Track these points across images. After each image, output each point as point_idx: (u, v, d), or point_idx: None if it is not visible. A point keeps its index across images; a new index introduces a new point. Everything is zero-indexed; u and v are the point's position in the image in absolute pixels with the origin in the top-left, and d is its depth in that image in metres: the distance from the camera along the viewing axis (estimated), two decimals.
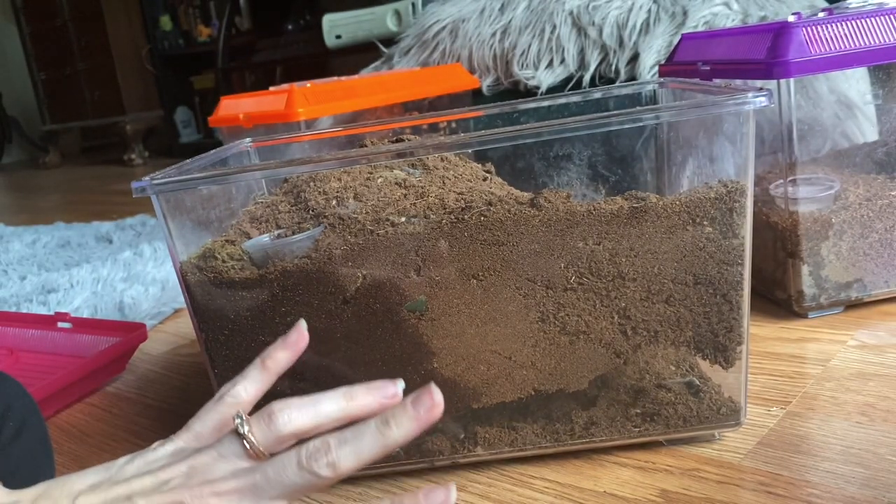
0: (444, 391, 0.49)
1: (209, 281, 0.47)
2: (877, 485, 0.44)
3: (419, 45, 1.26)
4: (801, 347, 0.64)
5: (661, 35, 1.02)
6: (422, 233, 0.46)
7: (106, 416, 0.72)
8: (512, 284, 0.47)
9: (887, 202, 0.67)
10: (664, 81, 0.65)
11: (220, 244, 0.49)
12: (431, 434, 0.51)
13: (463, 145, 0.46)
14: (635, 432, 0.50)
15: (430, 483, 0.52)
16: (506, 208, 0.46)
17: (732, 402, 0.50)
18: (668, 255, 0.47)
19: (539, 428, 0.51)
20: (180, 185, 0.46)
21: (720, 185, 0.47)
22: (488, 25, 1.17)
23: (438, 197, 0.49)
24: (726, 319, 0.48)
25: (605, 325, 0.48)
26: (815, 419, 0.52)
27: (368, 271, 0.47)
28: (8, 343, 0.90)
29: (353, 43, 1.81)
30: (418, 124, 0.74)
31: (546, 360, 0.49)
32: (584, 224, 0.46)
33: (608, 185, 0.78)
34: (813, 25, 0.62)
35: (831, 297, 0.68)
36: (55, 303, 1.06)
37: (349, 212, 0.48)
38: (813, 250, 0.66)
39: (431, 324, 0.48)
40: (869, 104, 0.76)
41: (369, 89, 0.96)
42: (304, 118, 0.86)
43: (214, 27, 2.89)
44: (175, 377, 0.79)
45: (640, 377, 0.50)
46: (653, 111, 0.46)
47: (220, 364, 0.49)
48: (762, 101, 0.44)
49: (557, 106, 0.66)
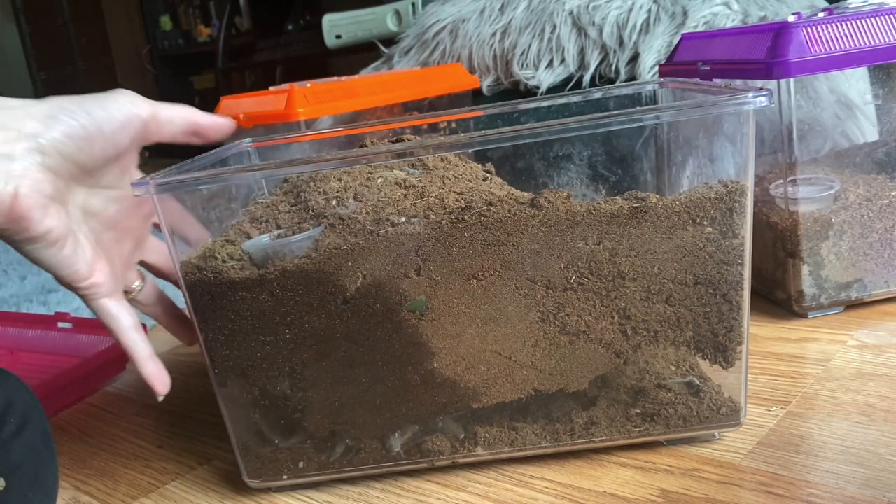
0: (445, 391, 0.49)
1: (209, 281, 0.47)
2: (877, 485, 0.44)
3: (419, 45, 1.26)
4: (801, 347, 0.64)
5: (661, 35, 1.02)
6: (422, 233, 0.46)
7: (106, 416, 0.72)
8: (512, 284, 0.47)
9: (887, 202, 0.67)
10: (664, 81, 0.65)
11: (220, 244, 0.49)
12: (431, 434, 0.51)
13: (463, 145, 0.46)
14: (635, 432, 0.50)
15: (430, 483, 0.52)
16: (506, 208, 0.46)
17: (732, 402, 0.50)
18: (668, 255, 0.47)
19: (539, 428, 0.51)
20: (180, 185, 0.46)
21: (720, 185, 0.47)
22: (488, 25, 1.17)
23: (438, 197, 0.49)
24: (726, 319, 0.48)
25: (605, 325, 0.48)
26: (815, 419, 0.52)
27: (368, 271, 0.47)
28: (8, 343, 0.90)
29: (353, 43, 1.81)
30: (418, 124, 0.74)
31: (546, 360, 0.49)
32: (584, 224, 0.46)
33: (608, 185, 0.78)
34: (813, 25, 0.62)
35: (831, 297, 0.68)
36: (55, 303, 1.06)
37: (349, 212, 0.48)
38: (813, 250, 0.66)
39: (431, 324, 0.48)
40: (869, 104, 0.76)
41: (369, 89, 0.96)
42: (304, 118, 0.86)
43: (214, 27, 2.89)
44: (175, 377, 0.79)
45: (640, 377, 0.50)
46: (653, 111, 0.46)
47: (220, 364, 0.49)
48: (762, 101, 0.44)
49: (557, 106, 0.66)
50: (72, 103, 0.43)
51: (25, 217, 0.40)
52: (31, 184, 0.41)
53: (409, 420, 0.51)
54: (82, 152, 0.43)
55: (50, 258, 0.43)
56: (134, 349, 0.48)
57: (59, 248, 0.43)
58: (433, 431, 0.51)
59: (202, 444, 0.63)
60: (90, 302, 0.47)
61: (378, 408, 0.50)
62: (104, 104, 0.45)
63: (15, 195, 0.40)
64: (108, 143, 0.44)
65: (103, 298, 0.46)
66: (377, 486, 0.52)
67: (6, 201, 0.40)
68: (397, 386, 0.49)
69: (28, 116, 0.41)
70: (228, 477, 0.57)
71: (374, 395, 0.49)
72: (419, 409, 0.50)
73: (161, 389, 0.50)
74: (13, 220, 0.40)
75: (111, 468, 0.61)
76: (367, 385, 0.49)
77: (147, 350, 0.49)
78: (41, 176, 0.41)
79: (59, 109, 0.42)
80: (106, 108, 0.44)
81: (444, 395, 0.49)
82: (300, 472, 0.52)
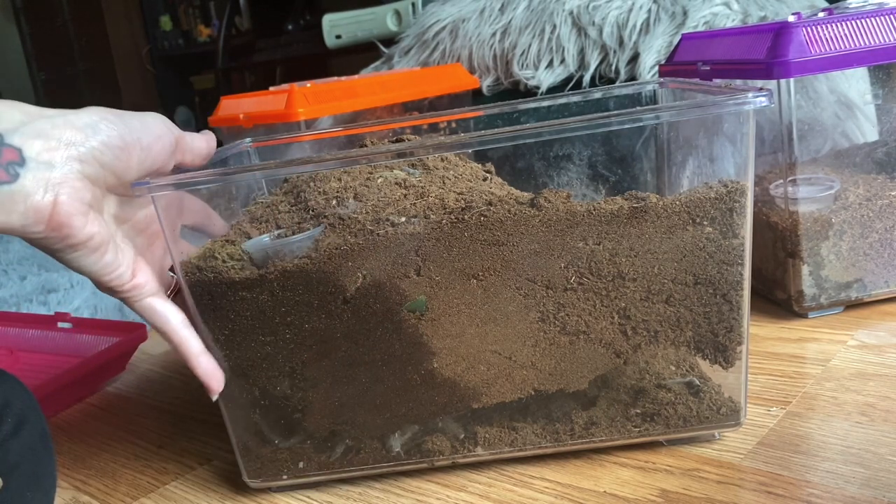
0: (445, 391, 0.49)
1: (209, 281, 0.47)
2: (877, 485, 0.44)
3: (419, 45, 1.26)
4: (801, 347, 0.64)
5: (661, 35, 1.02)
6: (422, 233, 0.46)
7: (106, 416, 0.72)
8: (512, 284, 0.47)
9: (887, 202, 0.67)
10: (664, 81, 0.65)
11: (220, 244, 0.49)
12: (431, 434, 0.51)
13: (463, 145, 0.46)
14: (635, 432, 0.50)
15: (430, 483, 0.52)
16: (506, 208, 0.46)
17: (732, 402, 0.50)
18: (668, 254, 0.47)
19: (539, 428, 0.51)
20: (180, 185, 0.46)
21: (720, 185, 0.47)
22: (488, 25, 1.17)
23: (438, 197, 0.49)
24: (726, 319, 0.48)
25: (605, 325, 0.48)
26: (815, 419, 0.52)
27: (368, 271, 0.47)
28: (8, 343, 0.90)
29: (353, 43, 1.81)
30: (418, 124, 0.74)
31: (546, 360, 0.49)
32: (584, 224, 0.46)
33: (608, 185, 0.78)
34: (813, 25, 0.62)
35: (831, 297, 0.68)
36: (55, 303, 1.06)
37: (349, 212, 0.48)
38: (813, 250, 0.66)
39: (431, 324, 0.48)
40: (869, 104, 0.76)
41: (369, 89, 0.96)
42: (304, 118, 0.86)
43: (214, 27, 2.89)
44: (175, 377, 0.79)
45: (641, 377, 0.50)
46: (653, 111, 0.46)
47: (220, 364, 0.49)
48: (762, 101, 0.44)
49: (557, 106, 0.66)
50: (111, 114, 0.44)
51: (66, 224, 0.41)
52: (71, 191, 0.41)
53: (409, 420, 0.51)
54: (120, 161, 0.43)
55: (92, 265, 0.43)
56: (186, 345, 0.48)
57: (102, 254, 0.43)
58: (433, 431, 0.51)
59: (202, 444, 0.63)
60: (135, 303, 0.46)
61: (378, 408, 0.50)
62: (142, 118, 0.46)
63: (55, 202, 0.40)
64: (144, 155, 0.45)
65: (149, 298, 0.46)
66: (377, 486, 0.52)
67: (47, 209, 0.40)
68: (397, 386, 0.49)
69: (68, 125, 0.42)
70: (228, 477, 0.57)
71: (374, 395, 0.49)
72: (419, 409, 0.50)
73: (216, 387, 0.48)
74: (54, 228, 0.41)
75: (111, 468, 0.61)
76: (367, 385, 0.49)
77: (199, 346, 0.48)
78: (80, 184, 0.41)
79: (99, 119, 0.43)
80: (143, 120, 0.45)
81: (444, 395, 0.49)
82: (300, 472, 0.52)
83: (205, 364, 0.48)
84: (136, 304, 0.46)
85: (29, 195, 0.40)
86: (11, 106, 0.42)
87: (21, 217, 0.40)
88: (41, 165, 0.40)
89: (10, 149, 0.40)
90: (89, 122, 0.42)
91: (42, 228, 0.41)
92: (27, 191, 0.40)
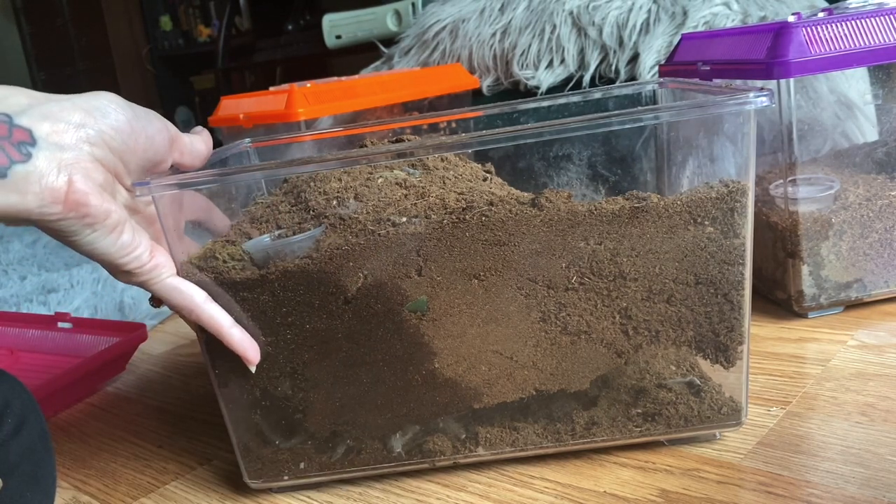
0: (446, 391, 0.49)
1: (210, 281, 0.47)
2: (877, 485, 0.44)
3: (419, 45, 1.26)
4: (801, 347, 0.64)
5: (661, 35, 1.02)
6: (423, 233, 0.46)
7: (106, 416, 0.72)
8: (513, 284, 0.47)
9: (887, 202, 0.67)
10: (664, 81, 0.65)
11: (220, 244, 0.49)
12: (432, 434, 0.51)
13: (463, 145, 0.46)
14: (636, 432, 0.50)
15: (431, 483, 0.52)
16: (507, 208, 0.46)
17: (733, 402, 0.50)
18: (669, 254, 0.47)
19: (540, 428, 0.51)
20: (180, 185, 0.46)
21: (721, 185, 0.47)
22: (488, 25, 1.17)
23: (439, 197, 0.49)
24: (727, 319, 0.48)
25: (606, 325, 0.48)
26: (815, 419, 0.52)
27: (369, 271, 0.47)
28: (8, 343, 0.90)
29: (353, 43, 1.81)
30: (418, 124, 0.74)
31: (547, 360, 0.49)
32: (585, 224, 0.46)
33: (608, 186, 0.78)
34: (813, 25, 0.62)
35: (831, 297, 0.68)
36: (55, 303, 1.06)
37: (350, 212, 0.48)
38: (813, 250, 0.66)
39: (433, 324, 0.48)
40: (869, 104, 0.76)
41: (369, 89, 0.96)
42: (304, 118, 0.86)
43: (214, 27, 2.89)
44: (175, 377, 0.79)
45: (641, 377, 0.50)
46: (653, 111, 0.46)
47: (220, 364, 0.49)
48: (763, 101, 0.44)
49: (557, 106, 0.66)
50: (118, 98, 0.44)
51: (83, 202, 0.40)
52: (84, 171, 0.41)
53: (410, 420, 0.51)
54: (126, 147, 0.43)
55: (111, 245, 0.43)
56: (216, 320, 0.47)
57: (119, 234, 0.43)
58: (434, 432, 0.51)
59: (202, 444, 0.63)
60: (156, 284, 0.46)
61: (379, 408, 0.50)
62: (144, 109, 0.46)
63: (70, 182, 0.40)
64: (148, 144, 0.45)
65: (170, 278, 0.46)
66: (378, 486, 0.52)
67: (62, 189, 0.40)
68: (398, 386, 0.49)
69: (76, 108, 0.42)
70: (229, 477, 0.57)
71: (375, 395, 0.49)
72: (420, 410, 0.50)
73: (253, 357, 0.47)
74: (71, 208, 0.40)
75: (111, 468, 0.61)
76: (369, 385, 0.49)
77: (229, 319, 0.47)
78: (91, 166, 0.41)
79: (107, 102, 0.43)
80: (146, 110, 0.46)
81: (445, 396, 0.49)
82: (301, 472, 0.52)
83: (238, 336, 0.47)
84: (157, 284, 0.46)
85: (43, 175, 0.39)
86: (17, 91, 0.42)
87: (37, 198, 0.39)
88: (52, 146, 0.40)
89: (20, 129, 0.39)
90: (98, 105, 0.43)
91: (59, 209, 0.40)
92: (41, 171, 0.39)
